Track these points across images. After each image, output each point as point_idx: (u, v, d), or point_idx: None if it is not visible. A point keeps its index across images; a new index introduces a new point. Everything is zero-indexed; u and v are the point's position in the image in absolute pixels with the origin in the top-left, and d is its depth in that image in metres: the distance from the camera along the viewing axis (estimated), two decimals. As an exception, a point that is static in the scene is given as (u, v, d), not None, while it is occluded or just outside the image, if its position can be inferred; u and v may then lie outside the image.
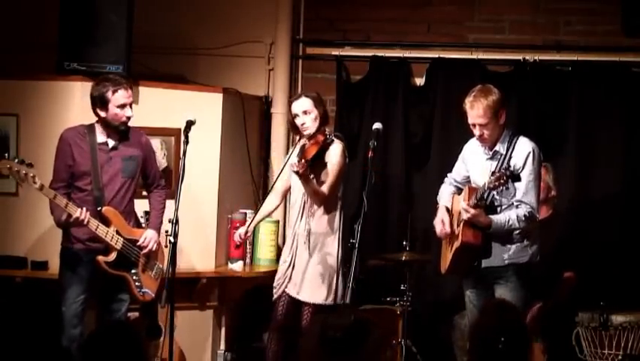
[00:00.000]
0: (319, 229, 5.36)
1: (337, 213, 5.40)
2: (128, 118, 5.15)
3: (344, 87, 6.60)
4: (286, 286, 5.40)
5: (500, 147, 5.11)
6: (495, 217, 5.02)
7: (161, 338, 5.43)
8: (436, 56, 6.49)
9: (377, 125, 5.12)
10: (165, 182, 5.54)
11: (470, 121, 5.09)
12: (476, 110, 5.03)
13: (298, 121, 5.37)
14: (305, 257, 5.36)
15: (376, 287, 6.09)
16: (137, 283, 5.23)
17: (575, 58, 6.31)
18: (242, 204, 6.20)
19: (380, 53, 6.56)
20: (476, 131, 5.09)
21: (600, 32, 6.40)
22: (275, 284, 5.47)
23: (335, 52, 6.60)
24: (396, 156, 6.48)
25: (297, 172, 5.05)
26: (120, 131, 5.18)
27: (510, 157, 5.05)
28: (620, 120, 6.26)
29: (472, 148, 5.28)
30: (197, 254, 5.97)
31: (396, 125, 6.47)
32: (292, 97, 5.66)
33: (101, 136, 5.16)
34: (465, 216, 5.01)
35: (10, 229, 5.80)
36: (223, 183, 6.04)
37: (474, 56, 6.46)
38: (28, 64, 6.08)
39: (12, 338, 5.64)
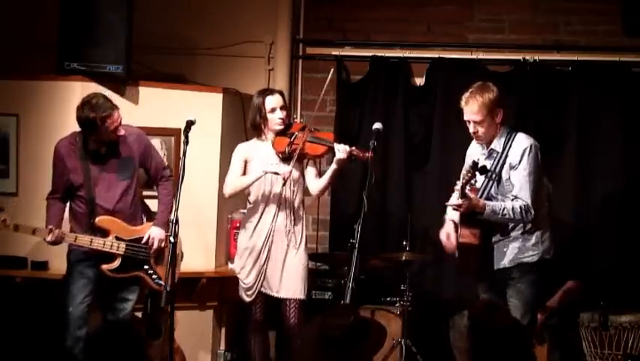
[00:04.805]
0: (300, 222, 5.41)
1: None
2: (121, 135, 5.10)
3: (344, 87, 6.60)
4: (262, 286, 5.40)
5: (497, 145, 5.06)
6: (490, 202, 4.96)
7: (161, 339, 5.43)
8: (436, 56, 6.48)
9: (377, 126, 5.12)
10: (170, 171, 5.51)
11: (465, 117, 5.06)
12: (471, 106, 5.00)
13: (275, 115, 5.36)
14: (284, 253, 5.36)
15: (376, 287, 6.09)
16: (153, 277, 5.26)
17: (575, 58, 6.31)
18: (242, 204, 6.19)
19: (380, 53, 6.55)
20: (471, 128, 5.06)
21: (600, 32, 6.41)
22: (248, 286, 5.43)
23: (335, 52, 6.60)
24: (396, 156, 6.48)
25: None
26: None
27: (507, 155, 5.02)
28: (619, 120, 6.26)
29: (472, 148, 5.25)
30: (197, 254, 5.96)
31: (396, 125, 6.47)
32: (266, 91, 5.50)
33: (93, 143, 5.13)
34: (456, 212, 4.98)
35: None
36: (223, 183, 6.03)
37: (474, 56, 6.46)
38: (28, 64, 6.07)
39: (12, 338, 5.64)
